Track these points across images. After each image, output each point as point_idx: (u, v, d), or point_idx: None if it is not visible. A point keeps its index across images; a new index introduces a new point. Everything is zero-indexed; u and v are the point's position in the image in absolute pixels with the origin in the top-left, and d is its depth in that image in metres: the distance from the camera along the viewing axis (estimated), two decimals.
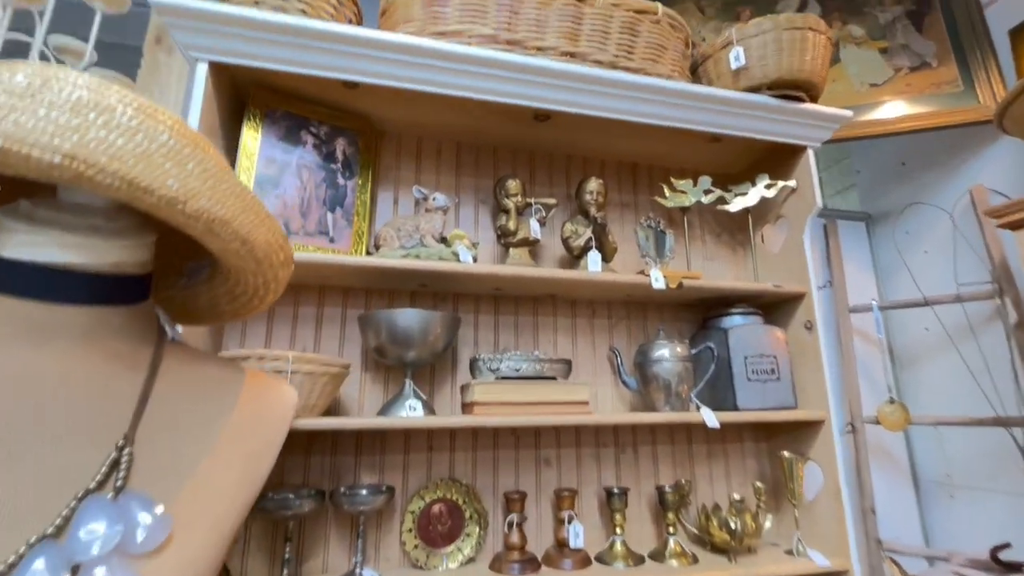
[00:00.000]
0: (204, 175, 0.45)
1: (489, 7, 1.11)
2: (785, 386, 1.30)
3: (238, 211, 0.48)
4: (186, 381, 0.54)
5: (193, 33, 0.99)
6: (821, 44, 1.27)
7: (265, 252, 0.52)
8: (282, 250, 0.56)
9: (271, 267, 0.55)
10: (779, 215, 1.46)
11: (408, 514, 1.17)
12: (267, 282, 0.57)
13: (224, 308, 0.63)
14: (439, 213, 1.25)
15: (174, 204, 0.43)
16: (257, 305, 0.61)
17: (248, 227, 0.49)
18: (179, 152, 0.44)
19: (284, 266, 0.57)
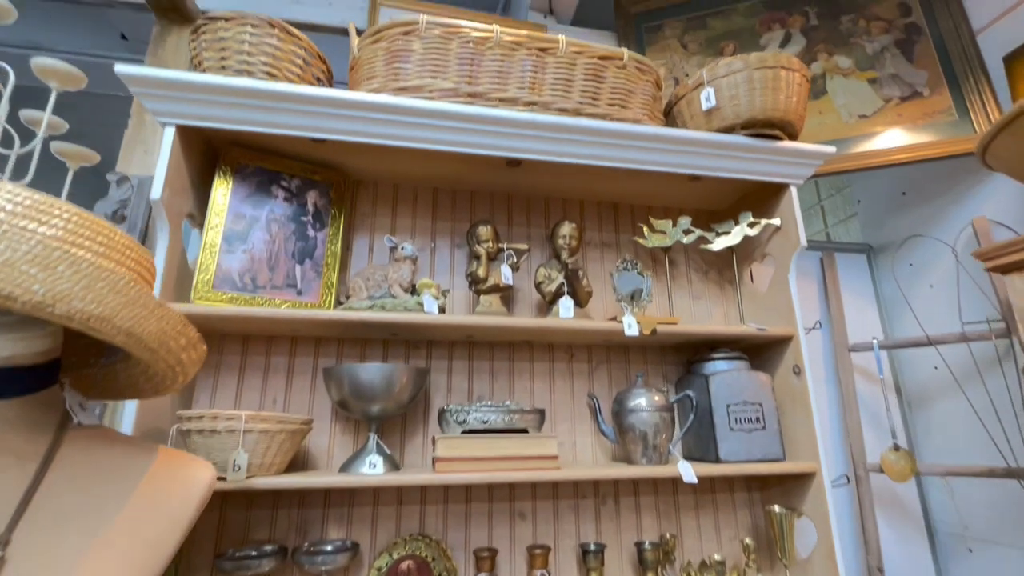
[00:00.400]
0: (76, 276, 0.45)
1: (450, 62, 1.12)
2: (771, 436, 1.23)
3: (119, 307, 0.48)
4: (83, 470, 0.53)
5: (161, 100, 1.03)
6: (795, 82, 1.23)
7: (159, 341, 0.52)
8: (182, 335, 0.55)
9: (170, 353, 0.55)
10: (765, 253, 1.41)
11: (374, 571, 1.14)
12: (172, 366, 0.57)
13: (143, 386, 0.63)
14: (408, 262, 1.24)
15: (42, 308, 0.43)
16: (170, 385, 0.61)
17: (131, 321, 0.49)
18: (47, 257, 0.44)
19: (188, 349, 0.57)
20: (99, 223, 0.54)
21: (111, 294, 0.47)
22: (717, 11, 1.74)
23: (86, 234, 0.53)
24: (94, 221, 0.54)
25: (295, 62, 1.13)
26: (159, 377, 0.60)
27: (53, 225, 0.50)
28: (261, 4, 1.60)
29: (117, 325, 0.48)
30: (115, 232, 0.56)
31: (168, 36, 1.46)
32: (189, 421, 0.95)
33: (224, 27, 1.08)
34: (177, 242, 1.08)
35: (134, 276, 0.56)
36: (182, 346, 0.56)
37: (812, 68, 1.61)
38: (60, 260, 0.45)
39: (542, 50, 1.16)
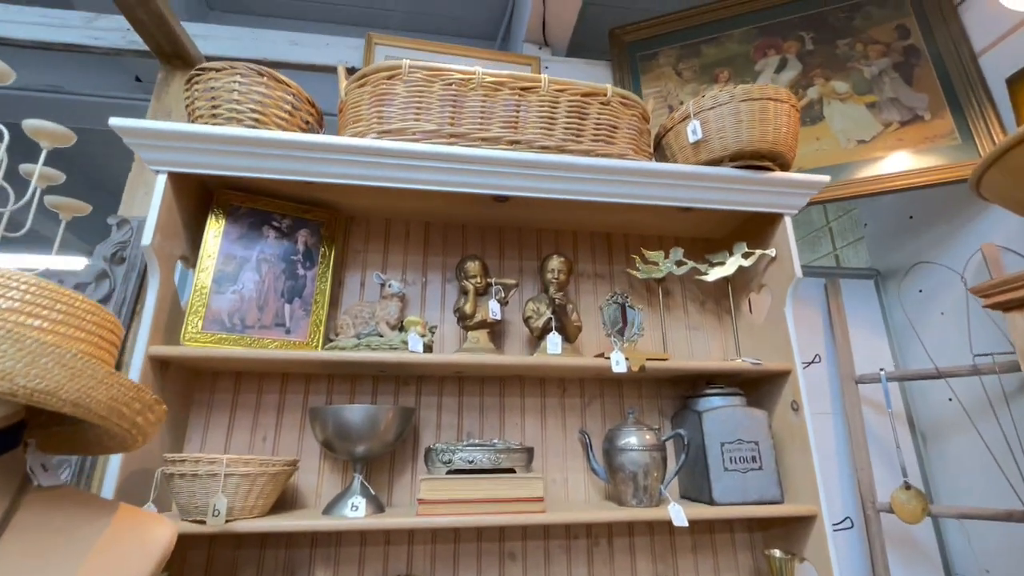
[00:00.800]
0: (20, 353, 0.46)
1: (432, 104, 1.14)
2: (768, 476, 1.19)
3: (64, 380, 0.49)
4: (38, 534, 0.54)
5: (153, 150, 1.07)
6: (784, 113, 1.22)
7: (109, 408, 0.53)
8: (135, 401, 0.56)
9: (123, 418, 0.55)
10: (761, 284, 1.38)
11: None
12: (127, 429, 0.57)
13: (108, 444, 0.64)
14: (395, 300, 1.25)
15: None
16: (131, 445, 0.62)
17: (78, 393, 0.50)
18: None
19: (144, 412, 0.58)
20: (59, 292, 0.56)
21: (56, 368, 0.49)
22: (711, 38, 1.73)
23: (44, 303, 0.54)
24: (53, 291, 0.55)
25: (283, 108, 1.16)
26: (119, 438, 0.61)
27: (10, 298, 0.52)
28: (261, 47, 1.66)
29: (63, 398, 0.49)
30: (75, 299, 0.57)
31: (172, 81, 1.52)
32: (173, 465, 0.96)
33: (215, 77, 1.12)
34: (169, 285, 1.11)
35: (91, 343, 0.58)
36: (136, 410, 0.57)
37: (809, 93, 1.59)
38: (4, 339, 0.46)
39: (524, 89, 1.17)
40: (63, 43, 1.54)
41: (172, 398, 1.14)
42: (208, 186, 1.23)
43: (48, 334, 0.54)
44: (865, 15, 1.60)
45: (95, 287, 1.19)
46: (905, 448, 1.56)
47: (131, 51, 1.57)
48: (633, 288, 1.51)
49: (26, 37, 1.52)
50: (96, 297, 1.19)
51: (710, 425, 1.22)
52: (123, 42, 1.57)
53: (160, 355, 1.04)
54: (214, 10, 2.30)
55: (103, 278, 1.21)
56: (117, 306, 1.24)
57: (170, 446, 1.14)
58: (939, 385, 1.54)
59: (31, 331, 0.52)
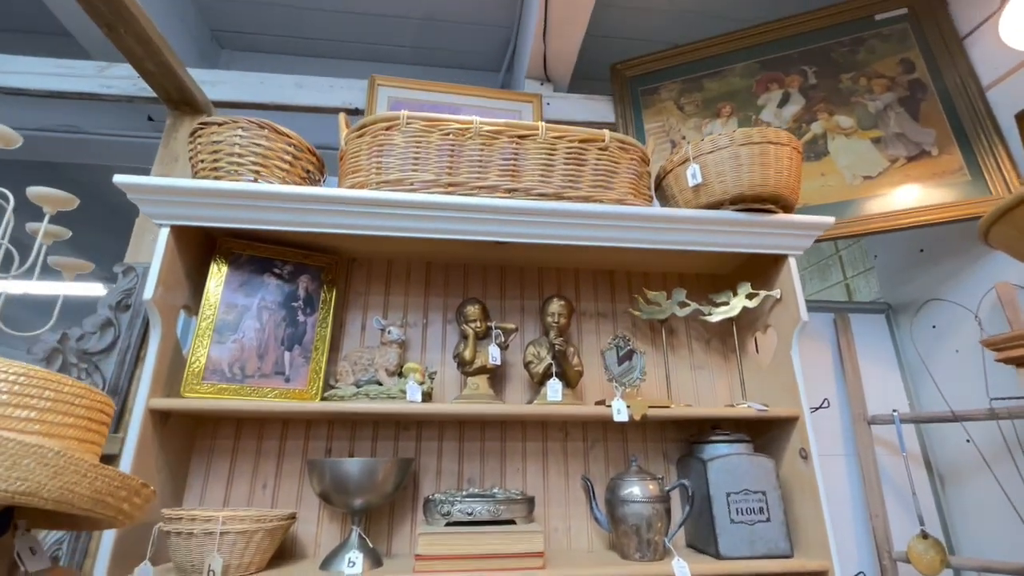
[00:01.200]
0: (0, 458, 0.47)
1: (431, 154, 1.15)
2: (776, 528, 1.15)
3: (46, 479, 0.49)
4: None
5: (155, 204, 1.09)
6: (785, 156, 1.20)
7: (93, 501, 0.53)
8: (121, 489, 0.56)
9: (107, 507, 0.55)
10: (767, 324, 1.35)
11: None
12: (114, 516, 0.57)
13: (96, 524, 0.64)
14: (394, 347, 1.25)
15: None
16: (119, 525, 0.62)
17: (60, 490, 0.50)
18: None
19: (131, 498, 0.58)
20: (47, 379, 0.56)
21: (38, 467, 0.49)
22: (713, 72, 1.73)
23: (33, 392, 0.55)
24: (41, 378, 0.56)
25: (283, 158, 1.18)
26: (106, 521, 0.60)
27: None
28: (267, 92, 1.70)
29: (45, 496, 0.49)
30: (63, 384, 0.58)
31: (180, 126, 1.56)
32: (169, 522, 0.96)
33: (217, 131, 1.14)
34: (171, 336, 1.12)
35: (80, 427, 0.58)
36: (122, 498, 0.57)
37: (812, 128, 1.58)
38: None
39: (522, 137, 1.17)
40: (76, 92, 1.59)
41: (173, 446, 1.14)
42: (211, 234, 1.25)
43: (35, 423, 0.54)
44: (868, 49, 1.58)
45: (100, 336, 1.21)
46: (922, 492, 1.50)
47: (142, 98, 1.61)
48: (636, 326, 1.49)
49: (41, 87, 1.57)
50: (101, 346, 1.21)
51: (715, 474, 1.19)
52: (134, 89, 1.61)
53: (160, 408, 1.05)
54: (225, 48, 2.37)
55: (108, 327, 1.23)
56: (121, 353, 1.25)
57: (171, 495, 1.14)
58: (956, 424, 1.49)
59: (18, 423, 0.53)
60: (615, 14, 2.13)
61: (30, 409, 0.54)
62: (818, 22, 1.67)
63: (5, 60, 1.59)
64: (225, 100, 1.67)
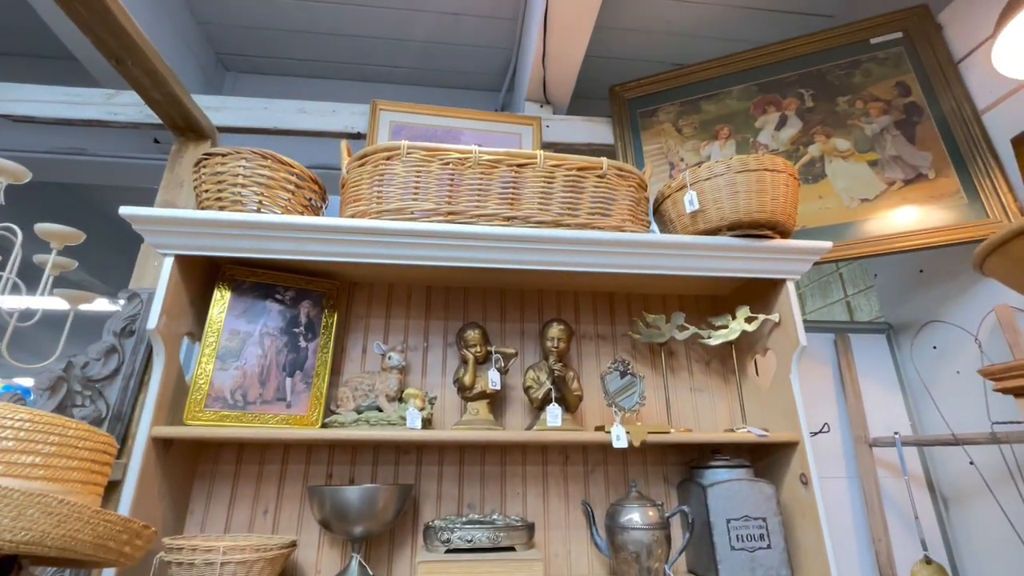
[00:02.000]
0: (6, 509, 0.48)
1: (431, 183, 1.16)
2: (777, 555, 1.15)
3: (50, 527, 0.50)
4: None
5: (159, 235, 1.11)
6: (782, 182, 1.21)
7: (95, 547, 0.54)
8: (123, 533, 0.57)
9: (109, 552, 0.56)
10: (766, 347, 1.36)
11: None
12: (115, 559, 0.58)
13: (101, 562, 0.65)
14: (394, 372, 1.26)
15: None
16: (124, 564, 0.63)
17: (63, 538, 0.51)
18: None
19: (132, 541, 0.59)
20: (52, 423, 0.57)
21: (42, 517, 0.50)
22: (711, 95, 1.75)
23: (38, 439, 0.56)
24: (47, 423, 0.57)
25: (286, 188, 1.20)
26: (108, 562, 0.61)
27: (5, 438, 0.54)
28: (271, 117, 1.73)
29: (48, 544, 0.50)
30: (68, 427, 0.59)
31: (185, 152, 1.58)
32: (170, 552, 0.97)
33: (221, 162, 1.16)
34: (174, 364, 1.13)
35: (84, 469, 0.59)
36: (123, 541, 0.57)
37: (810, 151, 1.59)
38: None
39: (521, 166, 1.19)
40: (84, 119, 1.62)
41: (175, 473, 1.15)
42: (214, 261, 1.27)
43: (40, 469, 0.55)
44: (865, 72, 1.60)
45: (104, 363, 1.22)
46: (926, 515, 1.49)
47: (148, 124, 1.64)
48: (636, 348, 1.50)
49: (50, 115, 1.61)
50: (105, 373, 1.22)
51: (715, 501, 1.18)
52: (140, 116, 1.64)
53: (162, 436, 1.06)
54: (230, 71, 2.41)
55: (112, 353, 1.24)
56: (125, 379, 1.27)
57: (172, 520, 1.15)
58: (959, 447, 1.48)
59: (23, 469, 0.54)
60: (614, 35, 2.16)
61: (35, 455, 0.55)
62: (815, 45, 1.69)
63: (14, 89, 1.63)
64: (229, 126, 1.70)
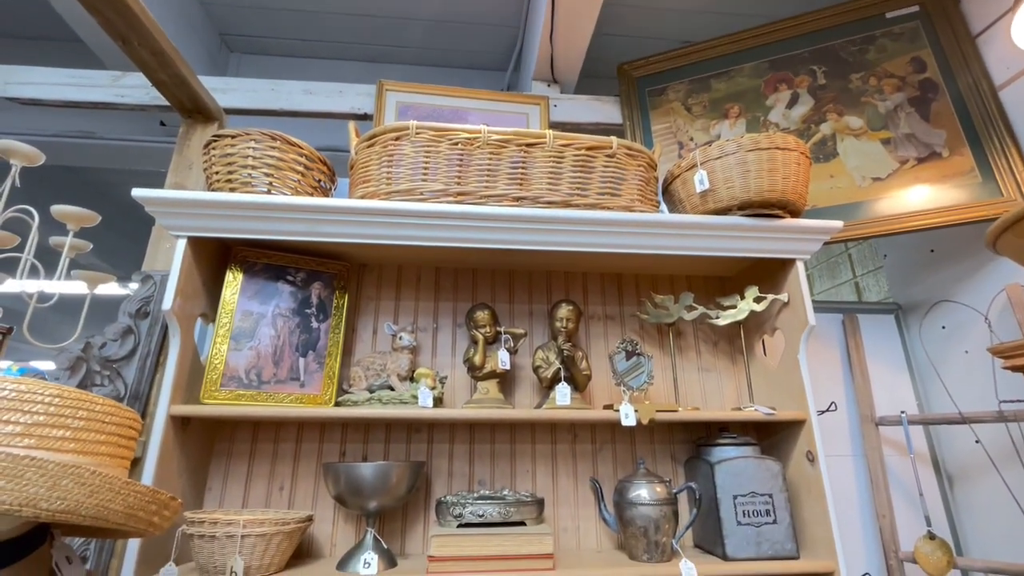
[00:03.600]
0: (43, 479, 0.50)
1: (439, 163, 1.16)
2: (783, 530, 1.17)
3: (83, 497, 0.52)
4: None
5: (172, 217, 1.12)
6: (793, 161, 1.20)
7: (126, 516, 0.56)
8: (152, 503, 0.59)
9: (139, 521, 0.58)
10: (775, 327, 1.36)
11: None
12: (144, 529, 0.60)
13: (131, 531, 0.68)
14: (405, 352, 1.28)
15: (10, 512, 0.48)
16: (152, 533, 0.65)
17: (96, 508, 0.53)
18: (12, 469, 0.48)
19: (160, 511, 0.61)
20: (80, 398, 0.59)
21: (76, 487, 0.52)
22: (721, 73, 1.72)
23: (67, 413, 0.58)
24: (75, 398, 0.59)
25: (296, 169, 1.20)
26: (137, 532, 0.64)
27: (36, 412, 0.55)
28: (277, 98, 1.72)
29: (82, 514, 0.52)
30: (95, 403, 0.61)
31: (193, 134, 1.59)
32: (192, 525, 1.00)
33: (231, 143, 1.16)
34: (189, 344, 1.15)
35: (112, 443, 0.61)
36: (152, 512, 0.60)
37: (822, 129, 1.57)
38: (28, 467, 0.49)
39: (530, 145, 1.18)
40: (91, 102, 1.62)
41: (193, 450, 1.18)
42: (226, 243, 1.28)
43: (71, 442, 0.57)
44: (879, 48, 1.57)
45: (120, 344, 1.24)
46: (930, 493, 1.51)
47: (155, 106, 1.64)
48: (644, 329, 1.51)
49: (57, 97, 1.61)
50: (122, 353, 1.25)
51: (722, 478, 1.20)
52: (148, 98, 1.64)
53: (180, 414, 1.08)
54: (235, 52, 2.39)
55: (128, 334, 1.26)
56: (142, 360, 1.29)
57: (192, 496, 1.18)
58: (965, 426, 1.49)
59: (55, 443, 0.56)
60: (623, 12, 2.13)
61: (65, 428, 0.57)
62: (828, 20, 1.66)
63: (21, 71, 1.63)
64: (236, 107, 1.70)
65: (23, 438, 0.53)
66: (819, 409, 1.29)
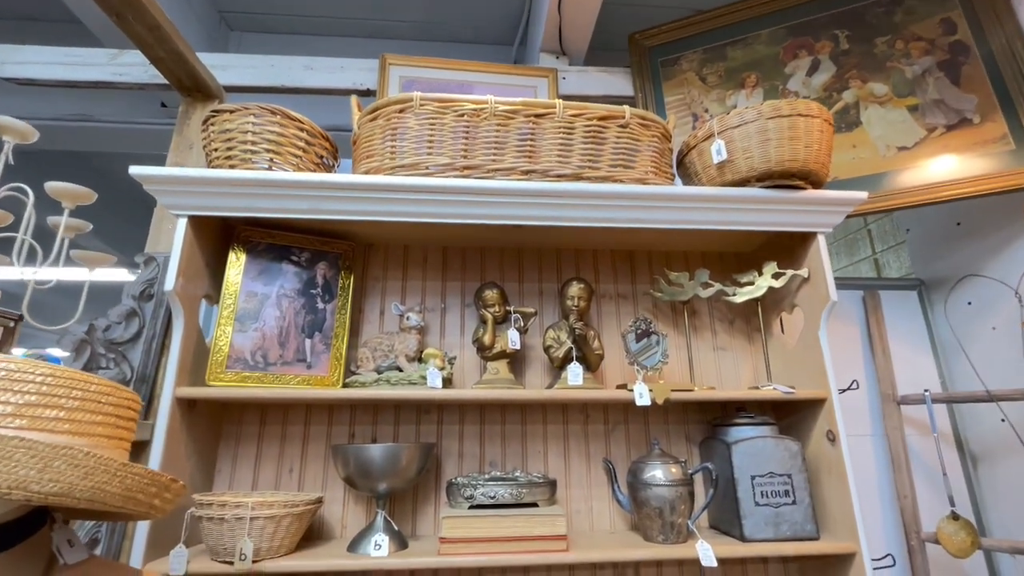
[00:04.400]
0: (33, 460, 0.47)
1: (445, 136, 1.12)
2: (802, 511, 1.14)
3: (77, 479, 0.49)
4: None
5: (171, 195, 1.09)
6: (816, 128, 1.14)
7: (124, 499, 0.54)
8: (151, 486, 0.57)
9: (138, 504, 0.56)
10: (794, 304, 1.31)
11: None
12: (145, 512, 0.58)
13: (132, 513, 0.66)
14: (413, 332, 1.25)
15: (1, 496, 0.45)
16: (155, 516, 0.63)
17: (91, 490, 0.50)
18: (3, 448, 0.46)
19: (160, 494, 0.59)
20: (74, 377, 0.57)
21: (69, 469, 0.49)
22: (736, 40, 1.65)
23: (60, 392, 0.55)
24: (68, 377, 0.56)
25: (297, 144, 1.16)
26: (138, 515, 0.62)
27: (28, 392, 0.53)
28: (278, 75, 1.67)
29: (77, 496, 0.50)
30: (91, 383, 0.58)
31: (193, 113, 1.55)
32: (201, 508, 0.99)
33: (229, 119, 1.13)
34: (193, 326, 1.13)
35: (108, 424, 0.58)
36: (152, 494, 0.57)
37: (844, 97, 1.50)
38: (17, 447, 0.47)
39: (539, 116, 1.13)
40: (88, 80, 1.59)
41: (201, 432, 1.17)
42: (228, 222, 1.25)
43: (65, 423, 0.55)
44: (907, 10, 1.48)
45: (125, 327, 1.23)
46: (953, 473, 1.47)
47: (154, 85, 1.60)
48: (657, 308, 1.47)
49: (53, 77, 1.57)
50: (127, 336, 1.23)
51: (740, 458, 1.17)
52: (146, 76, 1.60)
53: (186, 396, 1.06)
54: (234, 30, 2.33)
55: (132, 316, 1.24)
56: (147, 342, 1.27)
57: (201, 478, 1.17)
58: (991, 404, 1.44)
59: (47, 423, 0.53)
60: None
61: (58, 409, 0.54)
62: None
63: (16, 50, 1.59)
64: (236, 84, 1.65)
65: (13, 418, 0.51)
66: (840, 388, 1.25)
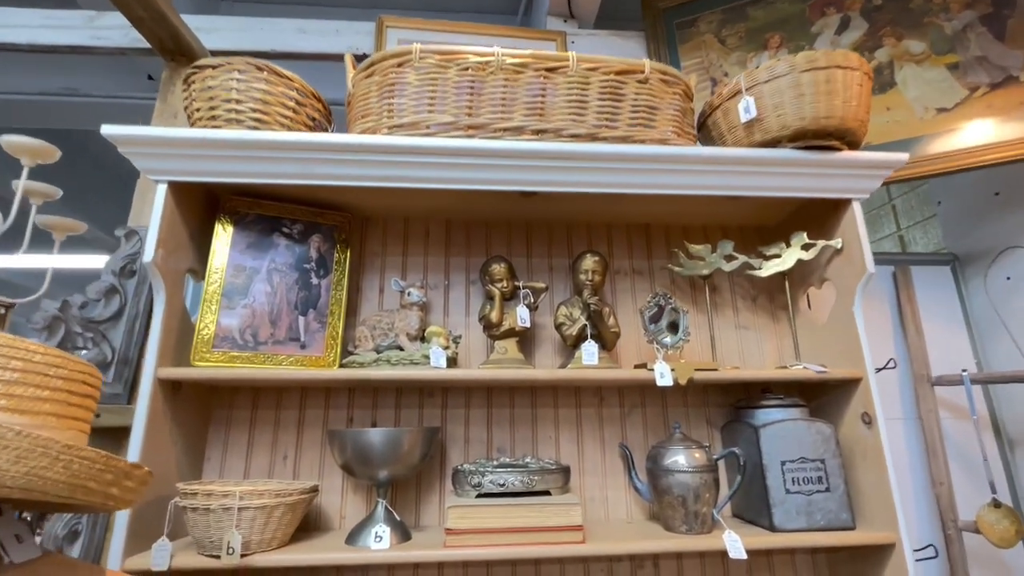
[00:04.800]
0: None
1: (448, 92, 1.02)
2: (837, 499, 1.05)
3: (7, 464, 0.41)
4: None
5: (149, 158, 0.99)
6: (855, 82, 1.04)
7: (70, 488, 0.45)
8: (105, 472, 0.48)
9: (90, 493, 0.48)
10: (824, 278, 1.22)
11: None
12: (101, 503, 0.50)
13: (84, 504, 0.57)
14: (415, 309, 1.16)
15: None
16: (114, 507, 0.55)
17: (27, 477, 0.42)
18: None
19: (119, 482, 0.50)
20: (12, 346, 0.48)
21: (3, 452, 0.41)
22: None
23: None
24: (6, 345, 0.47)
25: (287, 104, 1.06)
26: (95, 507, 0.53)
27: None
28: (268, 39, 1.57)
29: (7, 484, 0.41)
30: (35, 352, 0.49)
31: (177, 79, 1.45)
32: (186, 497, 0.91)
33: (212, 75, 1.03)
34: (177, 301, 1.04)
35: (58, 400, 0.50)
36: (108, 482, 0.49)
37: (877, 56, 1.39)
38: None
39: (551, 70, 1.03)
40: (66, 45, 1.49)
41: (188, 417, 1.09)
42: (214, 192, 1.15)
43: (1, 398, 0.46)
44: None
45: (105, 304, 1.14)
46: (990, 458, 1.38)
47: (134, 49, 1.50)
48: (675, 284, 1.37)
49: (28, 41, 1.47)
50: (107, 314, 1.14)
51: (769, 442, 1.08)
52: (126, 40, 1.50)
53: (169, 377, 0.98)
54: None
55: (113, 293, 1.16)
56: (130, 321, 1.19)
57: (189, 467, 1.09)
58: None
59: None
60: None
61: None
62: None
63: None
64: (223, 49, 1.55)
65: None
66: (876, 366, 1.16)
